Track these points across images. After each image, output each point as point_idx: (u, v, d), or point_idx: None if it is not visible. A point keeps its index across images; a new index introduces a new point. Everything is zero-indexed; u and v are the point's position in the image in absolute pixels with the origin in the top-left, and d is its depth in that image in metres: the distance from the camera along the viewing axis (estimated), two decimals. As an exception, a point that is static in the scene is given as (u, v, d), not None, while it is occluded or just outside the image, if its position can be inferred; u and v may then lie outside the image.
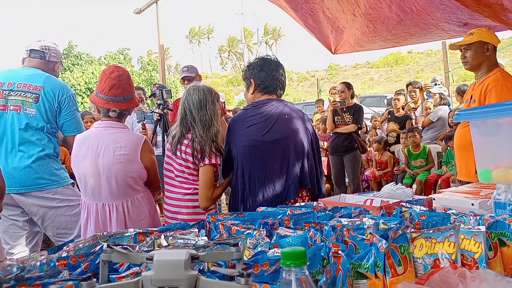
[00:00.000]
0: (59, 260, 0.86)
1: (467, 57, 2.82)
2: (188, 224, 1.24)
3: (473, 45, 2.79)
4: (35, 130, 2.53)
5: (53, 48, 2.74)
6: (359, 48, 4.99)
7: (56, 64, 2.79)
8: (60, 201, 2.56)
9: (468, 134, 2.73)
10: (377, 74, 45.54)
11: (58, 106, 2.59)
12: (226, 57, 72.91)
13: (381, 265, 0.92)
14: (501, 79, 2.71)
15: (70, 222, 2.59)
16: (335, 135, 5.15)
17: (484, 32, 2.83)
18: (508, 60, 28.34)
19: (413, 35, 4.38)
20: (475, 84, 2.89)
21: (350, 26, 4.35)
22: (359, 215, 1.28)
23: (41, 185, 2.52)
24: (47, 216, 2.55)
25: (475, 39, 2.78)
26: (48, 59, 2.71)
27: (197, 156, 2.14)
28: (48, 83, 2.59)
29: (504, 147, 1.55)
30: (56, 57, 2.77)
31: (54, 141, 2.64)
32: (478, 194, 1.76)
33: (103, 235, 1.09)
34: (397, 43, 4.74)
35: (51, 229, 2.59)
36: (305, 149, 2.19)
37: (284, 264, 0.65)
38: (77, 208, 2.55)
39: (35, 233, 2.65)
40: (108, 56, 27.95)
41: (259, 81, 2.24)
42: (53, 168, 2.57)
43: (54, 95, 2.57)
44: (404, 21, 4.03)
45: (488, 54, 2.78)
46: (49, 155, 2.57)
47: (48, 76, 2.63)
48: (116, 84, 2.21)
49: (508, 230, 1.10)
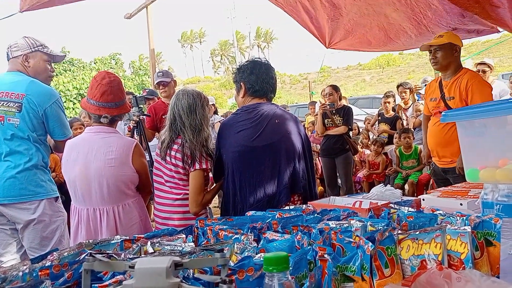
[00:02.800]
0: (42, 270, 0.84)
1: (437, 57, 2.98)
2: (175, 230, 1.23)
3: (443, 46, 2.95)
4: (21, 139, 2.46)
5: (13, 44, 2.56)
6: (353, 43, 5.01)
7: (22, 56, 2.54)
8: (39, 215, 2.46)
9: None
10: (369, 75, 45.79)
11: (44, 114, 2.50)
12: (218, 60, 72.92)
13: (367, 267, 0.92)
14: (477, 75, 2.98)
15: (45, 239, 2.49)
16: (326, 137, 5.17)
17: (452, 35, 3.03)
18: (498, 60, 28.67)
19: (406, 31, 4.40)
20: (443, 82, 3.04)
21: (348, 11, 4.32)
22: (347, 217, 1.28)
23: (25, 196, 2.43)
24: (23, 230, 2.47)
25: (446, 40, 2.95)
26: (12, 55, 2.56)
27: (187, 161, 2.13)
28: (31, 90, 2.47)
29: (491, 147, 1.57)
30: (19, 49, 2.54)
31: (43, 150, 2.55)
32: (467, 194, 1.77)
33: (88, 243, 1.08)
34: (391, 39, 4.74)
35: (26, 241, 2.51)
36: (297, 153, 2.18)
37: (267, 270, 0.64)
38: (55, 225, 2.51)
39: None
40: (99, 61, 27.85)
41: (249, 84, 2.23)
42: (39, 179, 2.48)
43: (37, 103, 2.46)
44: (399, 12, 4.06)
45: (456, 55, 2.99)
46: (36, 165, 2.48)
47: (30, 81, 2.51)
48: (108, 91, 2.20)
49: (494, 230, 1.10)
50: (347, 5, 4.24)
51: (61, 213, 2.60)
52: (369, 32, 4.67)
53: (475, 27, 3.97)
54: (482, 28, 4.03)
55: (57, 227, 2.53)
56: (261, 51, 71.65)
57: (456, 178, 2.79)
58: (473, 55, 7.34)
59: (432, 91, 3.17)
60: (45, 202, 2.48)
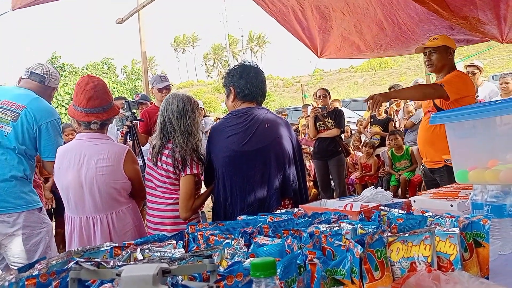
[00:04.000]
0: (29, 279, 0.83)
1: (432, 59, 2.99)
2: (165, 236, 1.22)
3: (438, 48, 2.96)
4: (5, 149, 2.40)
5: (53, 74, 2.66)
6: (344, 54, 5.11)
7: (53, 89, 2.70)
8: (19, 228, 2.39)
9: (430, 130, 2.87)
10: (361, 78, 46.06)
11: (38, 129, 2.44)
12: (211, 64, 72.93)
13: (357, 271, 0.92)
14: (457, 72, 2.99)
15: (28, 252, 2.41)
16: (318, 140, 5.18)
17: (447, 38, 3.04)
18: (488, 62, 28.98)
19: (394, 47, 4.53)
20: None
21: (338, 26, 4.41)
22: (338, 220, 1.28)
23: (4, 208, 2.36)
24: (3, 244, 2.40)
25: (441, 43, 2.96)
26: (47, 84, 2.62)
27: (178, 166, 2.12)
28: (33, 104, 2.46)
29: (480, 148, 1.58)
30: (55, 82, 2.68)
31: (26, 162, 2.48)
32: (457, 195, 1.77)
33: (77, 251, 1.07)
34: (380, 53, 4.89)
35: (6, 256, 2.44)
36: (287, 158, 2.18)
37: (254, 276, 0.64)
38: (38, 237, 2.45)
39: None
40: (91, 66, 27.72)
41: (238, 89, 2.23)
42: (20, 191, 2.41)
43: (35, 117, 2.43)
44: (386, 31, 4.20)
45: (450, 58, 2.99)
46: (17, 177, 2.41)
47: (36, 98, 2.51)
48: (94, 96, 2.17)
49: (483, 231, 1.11)
50: (337, 19, 4.35)
51: (45, 224, 2.52)
52: (359, 47, 4.78)
53: (464, 37, 4.07)
54: (472, 38, 4.12)
55: (41, 239, 2.46)
56: (254, 55, 71.82)
57: (443, 178, 2.81)
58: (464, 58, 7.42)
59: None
60: (25, 214, 2.41)
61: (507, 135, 1.50)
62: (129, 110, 3.54)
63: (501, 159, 1.44)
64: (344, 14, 4.22)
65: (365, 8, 4.02)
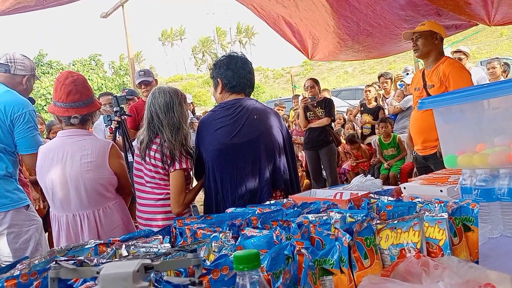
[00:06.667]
0: (8, 280, 0.81)
1: (418, 44, 3.03)
2: (152, 231, 1.20)
3: (424, 33, 3.00)
4: None
5: (19, 61, 2.54)
6: (335, 58, 5.17)
7: (24, 77, 2.57)
8: (7, 227, 2.35)
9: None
10: (351, 67, 46.04)
11: (11, 123, 2.39)
12: (200, 58, 72.40)
13: (346, 260, 0.91)
14: (455, 62, 3.05)
15: (18, 250, 2.38)
16: (309, 130, 5.18)
17: (434, 23, 3.07)
18: (476, 47, 29.14)
19: (385, 45, 4.58)
20: (425, 72, 3.09)
21: (324, 39, 4.52)
22: (327, 209, 1.26)
23: None
24: None
25: (427, 28, 2.99)
26: (14, 72, 2.52)
27: (167, 162, 2.09)
28: (3, 98, 2.39)
29: (468, 132, 1.58)
30: (24, 70, 2.56)
31: (8, 160, 2.42)
32: (447, 180, 1.77)
33: (61, 249, 1.04)
34: (370, 53, 4.95)
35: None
36: (277, 149, 2.16)
37: (237, 269, 0.62)
38: (27, 234, 2.42)
39: None
40: (78, 62, 27.37)
41: (226, 80, 2.20)
42: (4, 190, 2.37)
43: (5, 112, 2.37)
44: (374, 34, 4.30)
45: (437, 43, 3.02)
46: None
47: (6, 91, 2.44)
48: (73, 90, 2.13)
49: (472, 215, 1.10)
50: (322, 35, 4.44)
51: (34, 221, 2.50)
52: (351, 52, 4.85)
53: (452, 22, 4.10)
54: (460, 23, 4.14)
55: (30, 237, 2.43)
56: (243, 47, 71.43)
57: (437, 164, 2.82)
58: (452, 44, 7.45)
59: (416, 81, 3.22)
60: (12, 213, 2.38)
61: (495, 119, 1.49)
62: (118, 105, 3.49)
63: (489, 143, 1.44)
64: (327, 32, 4.35)
65: (346, 27, 4.17)
